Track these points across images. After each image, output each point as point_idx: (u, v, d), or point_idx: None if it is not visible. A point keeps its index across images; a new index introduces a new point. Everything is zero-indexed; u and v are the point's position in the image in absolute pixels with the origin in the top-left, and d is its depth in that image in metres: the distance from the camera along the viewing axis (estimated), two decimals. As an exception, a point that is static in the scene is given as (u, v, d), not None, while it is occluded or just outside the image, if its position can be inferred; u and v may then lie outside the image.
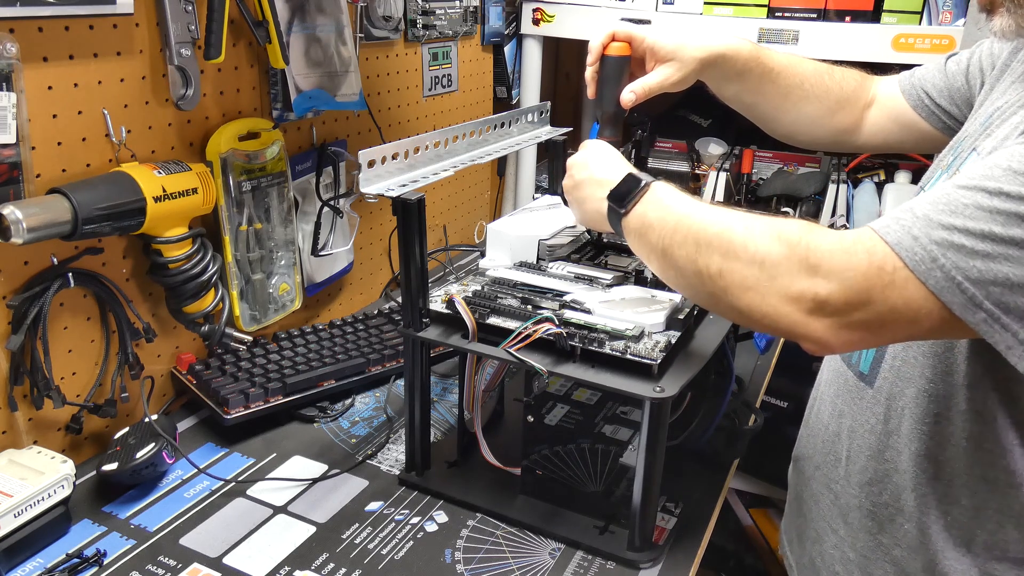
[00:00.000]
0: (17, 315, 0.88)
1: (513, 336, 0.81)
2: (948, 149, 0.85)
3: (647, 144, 1.92)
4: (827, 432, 0.93)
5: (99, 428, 1.02)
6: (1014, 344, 0.62)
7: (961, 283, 0.61)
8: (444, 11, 1.54)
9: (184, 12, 0.96)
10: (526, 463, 0.92)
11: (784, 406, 1.77)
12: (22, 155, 0.85)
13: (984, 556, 0.79)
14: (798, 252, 0.65)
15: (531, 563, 0.85)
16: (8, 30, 0.81)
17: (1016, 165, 0.60)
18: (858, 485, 0.87)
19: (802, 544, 0.98)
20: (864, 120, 1.04)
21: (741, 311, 0.69)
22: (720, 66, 0.98)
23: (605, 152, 0.87)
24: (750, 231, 0.68)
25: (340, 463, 1.01)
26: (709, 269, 0.69)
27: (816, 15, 1.51)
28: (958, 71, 0.94)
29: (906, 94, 0.99)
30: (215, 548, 0.86)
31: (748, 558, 1.88)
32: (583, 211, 0.87)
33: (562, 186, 0.91)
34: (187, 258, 1.01)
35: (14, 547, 0.82)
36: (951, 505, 0.79)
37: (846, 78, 1.03)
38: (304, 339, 1.20)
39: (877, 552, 0.86)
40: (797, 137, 1.07)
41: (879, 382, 0.84)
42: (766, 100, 1.03)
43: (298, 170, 1.24)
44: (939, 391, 0.78)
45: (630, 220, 0.77)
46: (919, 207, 0.64)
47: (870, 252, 0.63)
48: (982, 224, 0.60)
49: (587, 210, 0.86)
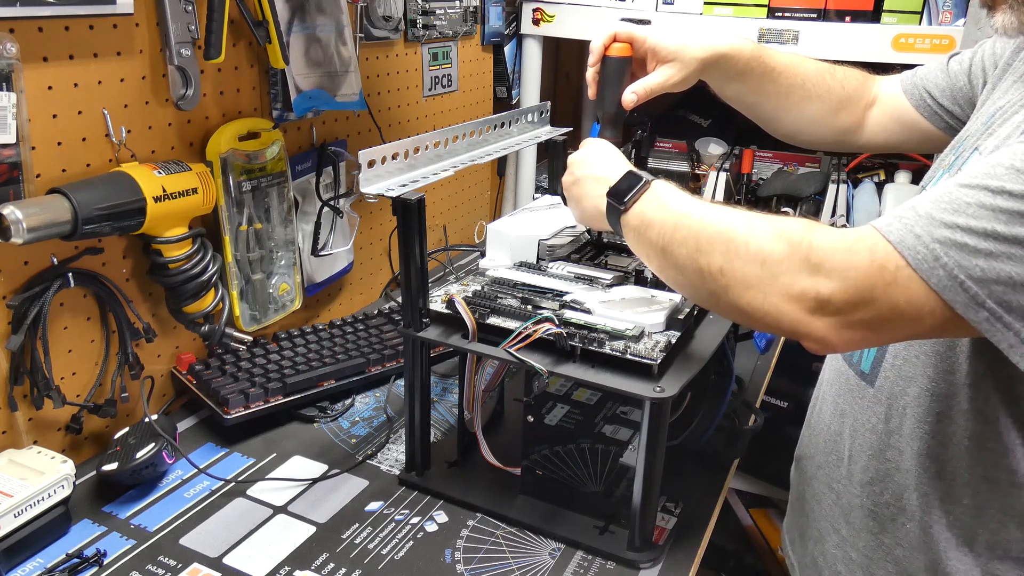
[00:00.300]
0: (17, 315, 0.88)
1: (513, 336, 0.81)
2: (950, 148, 0.85)
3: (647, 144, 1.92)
4: (829, 432, 0.93)
5: (99, 428, 1.02)
6: (1016, 343, 0.62)
7: (964, 282, 0.61)
8: (444, 11, 1.54)
9: (184, 12, 0.96)
10: (526, 463, 0.92)
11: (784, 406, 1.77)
12: (22, 155, 0.85)
13: (986, 556, 0.79)
14: (800, 250, 0.65)
15: (531, 563, 0.85)
16: (8, 30, 0.81)
17: (1019, 163, 0.60)
18: (860, 484, 0.87)
19: (804, 544, 0.98)
20: (866, 120, 1.04)
21: (742, 310, 0.68)
22: (721, 66, 0.97)
23: (606, 150, 0.87)
24: (752, 229, 0.68)
25: (340, 463, 1.01)
26: (710, 267, 0.69)
27: (816, 15, 1.51)
28: (960, 71, 0.94)
29: (908, 94, 0.99)
30: (215, 548, 0.86)
31: (748, 558, 1.88)
32: (582, 208, 0.87)
33: (561, 183, 0.91)
34: (187, 258, 1.01)
35: (14, 547, 0.82)
36: (953, 504, 0.79)
37: (848, 78, 1.03)
38: (304, 339, 1.20)
39: (879, 552, 0.86)
40: (799, 137, 1.07)
41: (880, 381, 0.84)
42: (768, 100, 1.03)
43: (298, 170, 1.24)
44: (941, 390, 0.78)
45: (629, 218, 0.77)
46: (921, 205, 0.64)
47: (872, 251, 0.63)
48: (985, 223, 0.60)
49: (586, 207, 0.85)
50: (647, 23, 1.01)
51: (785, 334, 0.69)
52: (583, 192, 0.85)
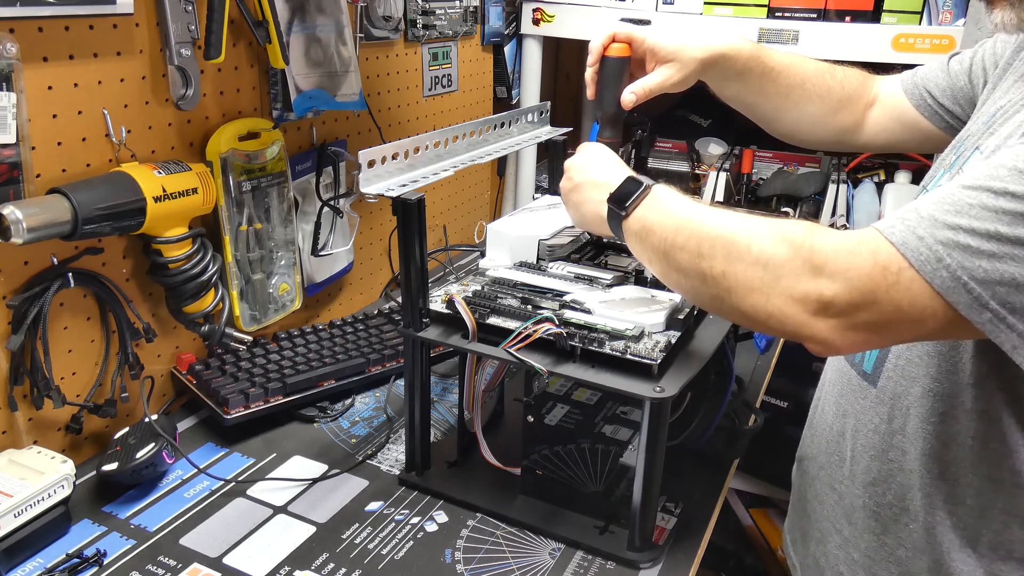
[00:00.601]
0: (17, 315, 0.88)
1: (513, 336, 0.81)
2: (950, 148, 0.85)
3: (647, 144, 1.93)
4: (831, 432, 0.93)
5: (99, 428, 1.02)
6: (1019, 344, 0.62)
7: (967, 283, 0.61)
8: (444, 11, 1.54)
9: (184, 12, 0.96)
10: (526, 463, 0.92)
11: (784, 406, 1.77)
12: (22, 155, 0.85)
13: (990, 556, 0.79)
14: (802, 253, 0.65)
15: (531, 563, 0.85)
16: (8, 30, 0.81)
17: (1021, 165, 0.60)
18: (862, 485, 0.87)
19: (806, 544, 0.98)
20: (866, 119, 1.04)
21: (745, 312, 0.68)
22: (721, 66, 0.97)
23: (603, 155, 0.87)
24: (753, 233, 0.68)
25: (340, 463, 1.01)
26: (712, 271, 0.69)
27: (816, 15, 1.51)
28: (961, 70, 0.94)
29: (908, 93, 0.99)
30: (215, 548, 0.86)
31: (748, 558, 1.88)
32: (581, 214, 0.87)
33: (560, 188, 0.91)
34: (187, 258, 1.01)
35: (14, 547, 0.82)
36: (956, 505, 0.79)
37: (848, 77, 1.03)
38: (304, 339, 1.20)
39: (881, 552, 0.86)
40: (798, 136, 1.07)
41: (883, 382, 0.84)
42: (767, 100, 1.03)
43: (298, 170, 1.24)
44: (944, 390, 0.78)
45: (631, 223, 0.77)
46: (924, 207, 0.63)
47: (875, 252, 0.63)
48: (988, 224, 0.60)
49: (585, 212, 0.85)
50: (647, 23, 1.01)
51: (788, 336, 0.68)
52: (583, 198, 0.85)
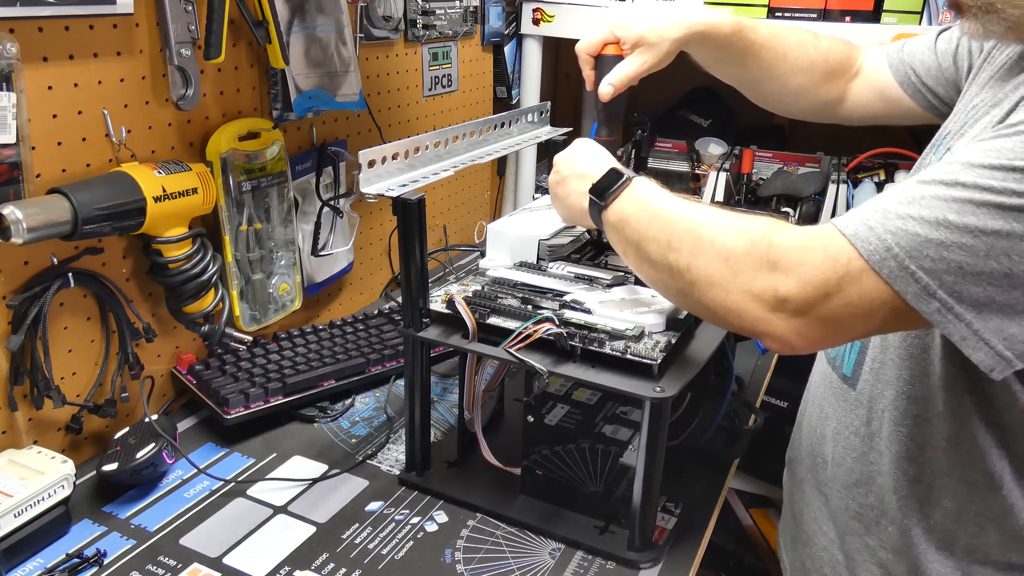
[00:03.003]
0: (17, 315, 0.88)
1: (513, 336, 0.81)
2: (930, 147, 0.85)
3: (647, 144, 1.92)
4: (815, 435, 0.93)
5: (99, 428, 1.02)
6: (968, 335, 0.61)
7: (915, 272, 0.61)
8: (444, 11, 1.54)
9: (184, 12, 0.96)
10: (526, 463, 0.92)
11: (784, 406, 1.77)
12: (22, 155, 0.85)
13: (966, 559, 0.78)
14: (759, 248, 0.65)
15: (531, 563, 0.85)
16: (8, 30, 0.81)
17: (974, 159, 0.60)
18: (845, 487, 0.87)
19: (795, 547, 0.98)
20: (848, 92, 1.03)
21: (707, 307, 0.69)
22: (699, 43, 0.96)
23: (591, 148, 0.87)
24: (719, 227, 0.68)
25: (340, 463, 1.01)
26: (679, 264, 0.69)
27: (816, 15, 1.51)
28: (947, 50, 0.93)
29: (893, 69, 0.98)
30: (215, 548, 0.86)
31: (748, 558, 1.87)
32: (567, 206, 0.87)
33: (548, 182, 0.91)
34: (187, 258, 1.01)
35: (14, 547, 0.82)
36: (932, 508, 0.79)
37: (832, 49, 1.02)
38: (304, 339, 1.20)
39: (864, 554, 0.86)
40: (781, 107, 1.07)
41: (861, 384, 0.84)
42: (748, 72, 1.02)
43: (298, 170, 1.24)
44: (917, 393, 0.78)
45: (609, 214, 0.77)
46: (879, 201, 0.64)
47: (826, 245, 0.63)
48: (937, 212, 0.60)
49: (570, 204, 0.86)
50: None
51: (746, 332, 0.68)
52: (568, 190, 0.86)
